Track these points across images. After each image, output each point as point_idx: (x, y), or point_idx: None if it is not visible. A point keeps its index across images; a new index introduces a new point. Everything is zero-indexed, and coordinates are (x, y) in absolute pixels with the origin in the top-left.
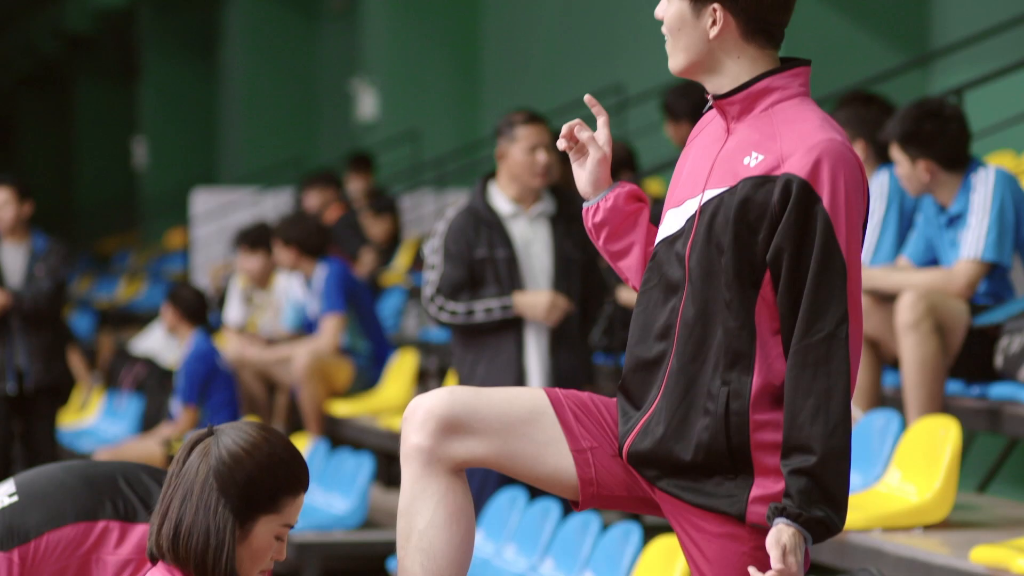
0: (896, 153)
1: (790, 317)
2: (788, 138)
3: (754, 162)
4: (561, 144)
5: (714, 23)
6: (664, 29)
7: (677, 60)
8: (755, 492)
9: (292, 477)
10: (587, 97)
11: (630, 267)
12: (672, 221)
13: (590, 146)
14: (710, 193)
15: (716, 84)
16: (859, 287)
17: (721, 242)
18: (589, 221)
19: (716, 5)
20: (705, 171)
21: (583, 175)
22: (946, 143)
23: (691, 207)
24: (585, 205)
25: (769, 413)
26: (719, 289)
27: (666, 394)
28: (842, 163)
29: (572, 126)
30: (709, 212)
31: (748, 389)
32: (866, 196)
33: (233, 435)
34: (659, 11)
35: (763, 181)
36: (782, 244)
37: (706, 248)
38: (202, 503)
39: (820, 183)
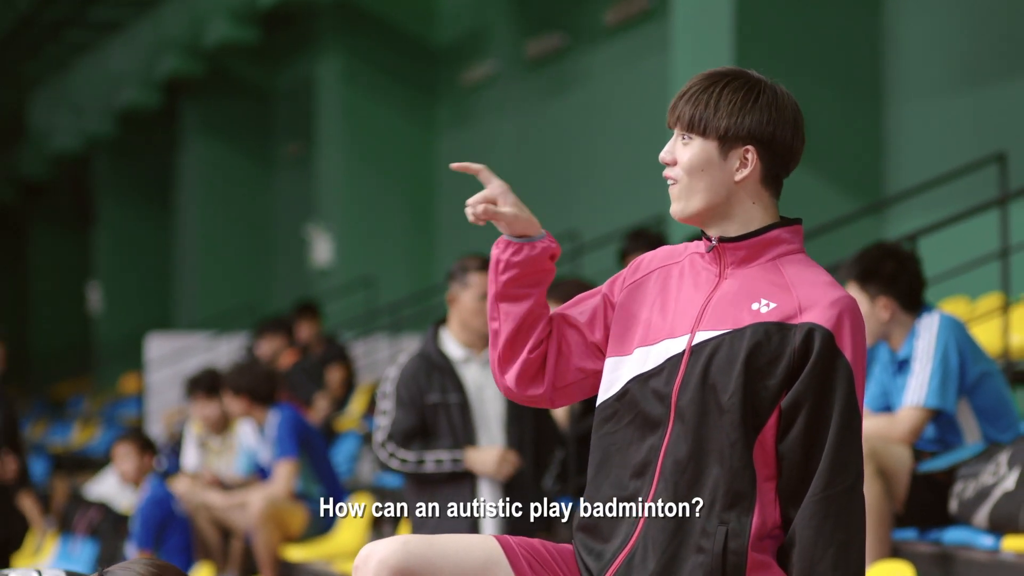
0: (854, 292)
1: (801, 466)
2: (804, 290)
3: (765, 308)
4: (473, 218)
5: (742, 166)
6: (677, 171)
7: (692, 203)
8: None
9: None
10: (453, 165)
11: (513, 314)
12: (646, 358)
13: (500, 202)
14: (704, 335)
15: (721, 229)
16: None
17: (718, 383)
18: (505, 254)
19: (750, 147)
20: (694, 313)
21: (512, 221)
22: (907, 281)
23: (674, 346)
24: (507, 236)
25: (764, 555)
26: (718, 429)
27: (650, 530)
28: (859, 322)
29: (473, 214)
30: (705, 353)
31: (748, 529)
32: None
33: None
34: (667, 154)
35: (778, 328)
36: (804, 393)
37: (701, 388)
38: None
39: (843, 338)
